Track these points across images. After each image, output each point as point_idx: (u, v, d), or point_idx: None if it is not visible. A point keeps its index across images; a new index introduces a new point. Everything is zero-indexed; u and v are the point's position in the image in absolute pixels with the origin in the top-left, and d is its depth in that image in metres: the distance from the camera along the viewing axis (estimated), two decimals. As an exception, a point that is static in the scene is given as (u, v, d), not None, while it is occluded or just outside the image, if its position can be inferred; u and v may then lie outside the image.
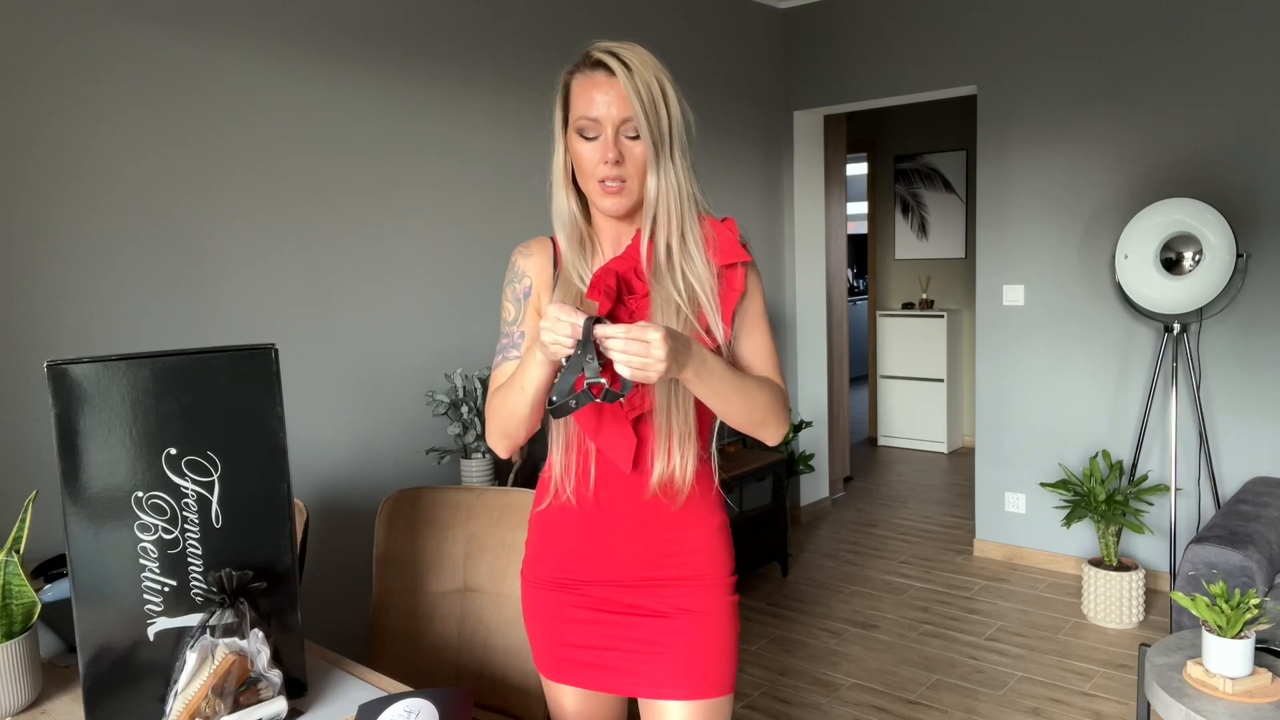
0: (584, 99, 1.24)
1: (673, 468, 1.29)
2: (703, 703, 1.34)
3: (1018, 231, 4.01)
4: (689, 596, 1.35)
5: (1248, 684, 1.91)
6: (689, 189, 1.28)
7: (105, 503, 1.19)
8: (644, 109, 1.22)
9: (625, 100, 1.22)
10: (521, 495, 1.96)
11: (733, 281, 1.31)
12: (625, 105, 1.22)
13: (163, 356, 1.20)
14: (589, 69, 1.25)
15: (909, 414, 6.40)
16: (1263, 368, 3.45)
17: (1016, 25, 3.92)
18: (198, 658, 1.16)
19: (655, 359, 1.08)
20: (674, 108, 1.25)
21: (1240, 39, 3.39)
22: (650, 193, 1.26)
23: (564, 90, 1.28)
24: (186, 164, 2.44)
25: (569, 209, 1.32)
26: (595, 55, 1.25)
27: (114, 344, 2.31)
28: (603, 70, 1.23)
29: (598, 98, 1.23)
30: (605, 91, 1.22)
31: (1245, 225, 3.42)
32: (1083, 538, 3.94)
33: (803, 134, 4.75)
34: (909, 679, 3.07)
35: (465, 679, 1.92)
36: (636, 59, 1.23)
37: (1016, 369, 4.07)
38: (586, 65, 1.25)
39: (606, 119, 1.23)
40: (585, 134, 1.25)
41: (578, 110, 1.25)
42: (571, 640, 1.38)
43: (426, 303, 3.04)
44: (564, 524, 1.37)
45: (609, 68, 1.23)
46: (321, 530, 2.76)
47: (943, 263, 6.46)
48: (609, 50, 1.24)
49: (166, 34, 2.38)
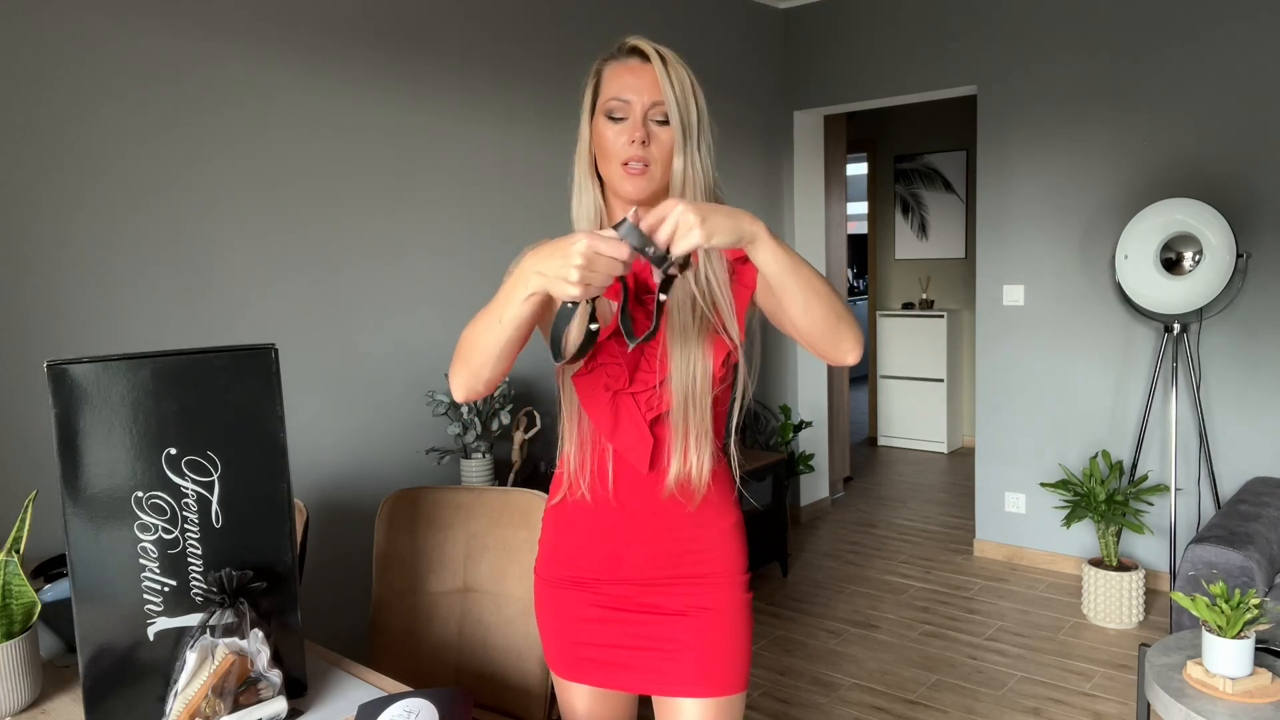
0: (616, 81, 1.26)
1: (689, 467, 1.29)
2: (718, 700, 1.34)
3: (1018, 231, 4.01)
4: (706, 595, 1.35)
5: (1248, 684, 1.91)
6: (712, 182, 1.29)
7: (105, 503, 1.19)
8: (675, 96, 1.24)
9: (657, 86, 1.24)
10: (522, 495, 1.96)
11: (744, 278, 1.30)
12: (656, 90, 1.24)
13: (163, 356, 1.20)
14: (624, 56, 1.28)
15: (909, 414, 6.40)
16: (1263, 368, 3.45)
17: (1016, 25, 3.92)
18: (198, 658, 1.16)
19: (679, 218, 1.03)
20: (703, 106, 1.28)
21: (1240, 39, 3.39)
22: (676, 175, 1.26)
23: (595, 76, 1.30)
24: (187, 164, 2.44)
25: (591, 196, 1.33)
26: (631, 43, 1.28)
27: (114, 344, 2.31)
28: (638, 57, 1.27)
29: (630, 80, 1.25)
30: (639, 76, 1.25)
31: (1245, 225, 3.42)
32: (1083, 538, 3.94)
33: (803, 134, 4.75)
34: (909, 679, 3.07)
35: (465, 679, 1.92)
36: (671, 54, 1.27)
37: (1016, 369, 4.07)
38: (622, 53, 1.28)
39: (637, 101, 1.24)
40: (613, 114, 1.26)
41: (609, 92, 1.27)
42: (586, 639, 1.37)
43: (427, 302, 3.04)
44: (580, 522, 1.37)
45: (644, 55, 1.26)
46: (321, 530, 2.76)
47: (943, 263, 6.46)
48: (645, 41, 1.27)
49: (169, 35, 2.38)
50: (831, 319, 1.15)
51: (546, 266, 1.04)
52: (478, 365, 1.19)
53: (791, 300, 1.14)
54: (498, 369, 1.19)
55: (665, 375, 1.27)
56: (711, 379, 1.28)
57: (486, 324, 1.16)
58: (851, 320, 1.18)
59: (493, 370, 1.19)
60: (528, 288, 1.08)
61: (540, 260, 1.05)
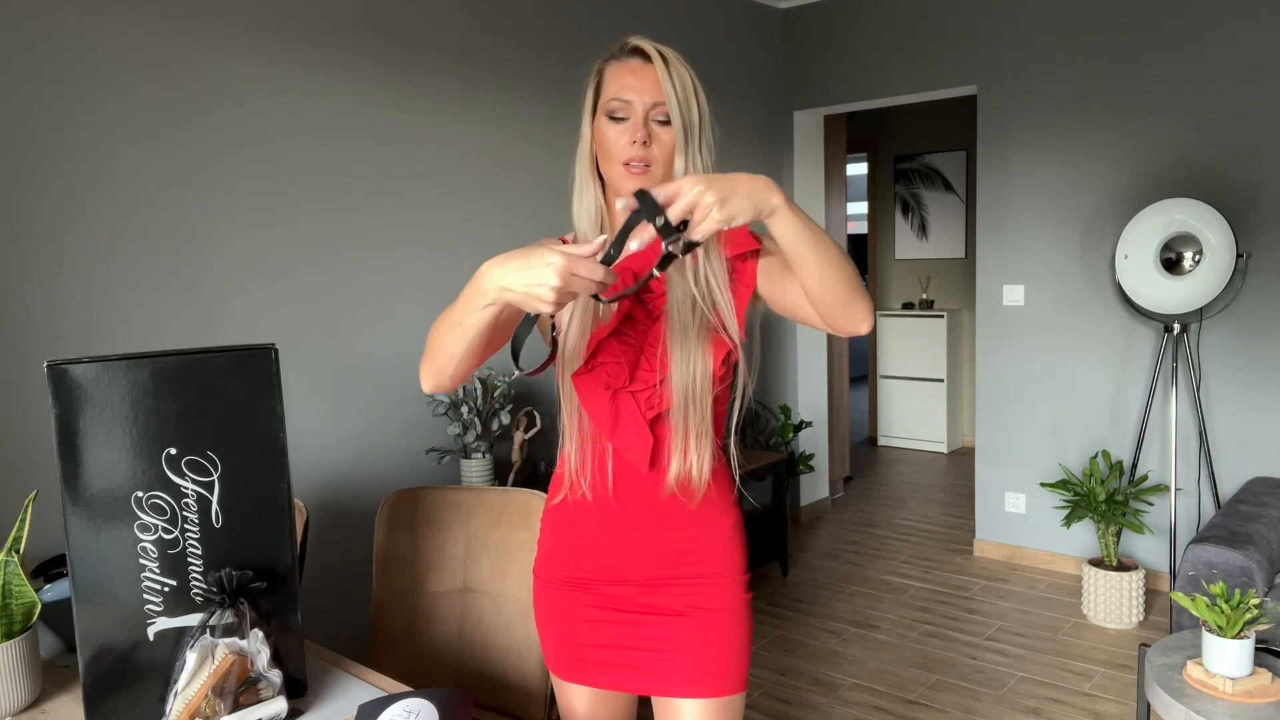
0: (617, 81, 1.26)
1: (689, 466, 1.29)
2: (719, 700, 1.34)
3: (1018, 231, 4.01)
4: (705, 595, 1.34)
5: (1248, 684, 1.91)
6: None
7: (105, 503, 1.19)
8: (677, 96, 1.24)
9: (659, 86, 1.24)
10: (522, 495, 1.96)
11: (743, 276, 1.30)
12: (658, 90, 1.24)
13: (163, 356, 1.20)
14: (626, 56, 1.28)
15: (909, 414, 6.40)
16: (1263, 368, 3.45)
17: (1016, 25, 3.92)
18: (198, 658, 1.16)
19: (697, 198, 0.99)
20: (704, 106, 1.27)
21: (1240, 39, 3.39)
22: (677, 175, 1.26)
23: (597, 76, 1.30)
24: (186, 164, 2.44)
25: (593, 195, 1.32)
26: (633, 43, 1.27)
27: (114, 344, 2.31)
28: (639, 57, 1.26)
29: (631, 81, 1.25)
30: (640, 76, 1.25)
31: (1245, 225, 3.42)
32: (1083, 538, 3.94)
33: (803, 134, 4.75)
34: (909, 679, 3.07)
35: (465, 679, 1.92)
36: (673, 54, 1.26)
37: (1016, 369, 4.07)
38: (623, 53, 1.28)
39: (639, 101, 1.24)
40: (615, 114, 1.26)
41: (610, 92, 1.27)
42: (586, 640, 1.37)
43: (427, 302, 3.04)
44: (579, 522, 1.37)
45: (646, 55, 1.25)
46: (321, 530, 2.76)
47: (943, 263, 6.46)
48: (647, 41, 1.27)
49: (168, 35, 2.38)
50: (846, 288, 1.13)
51: (515, 281, 1.01)
52: (442, 363, 1.17)
53: (808, 272, 1.11)
54: (462, 367, 1.17)
55: (665, 374, 1.27)
56: (712, 378, 1.28)
57: (448, 325, 1.14)
58: (863, 288, 1.15)
59: (457, 368, 1.17)
60: (485, 298, 1.06)
61: (507, 274, 1.02)
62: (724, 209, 1.00)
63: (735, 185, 1.02)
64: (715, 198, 1.00)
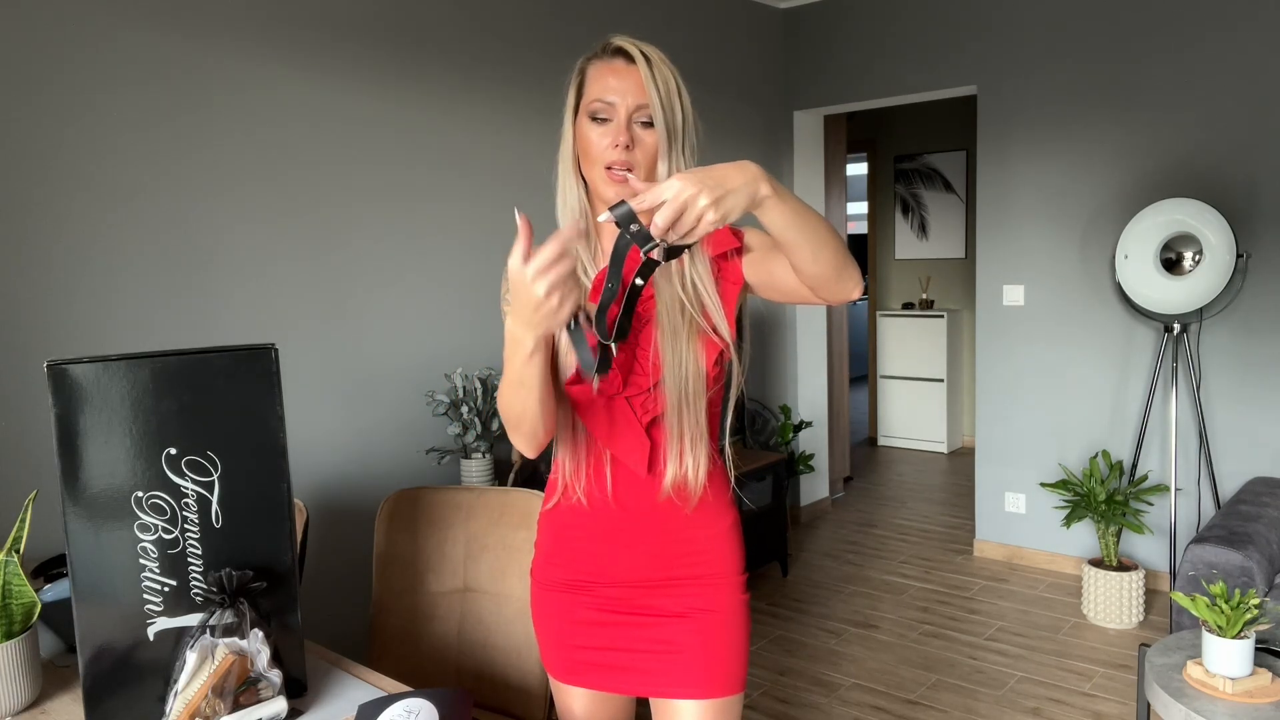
0: (599, 83, 1.24)
1: (685, 469, 1.29)
2: (717, 701, 1.34)
3: (1018, 231, 4.01)
4: (703, 596, 1.34)
5: (1248, 684, 1.91)
6: None
7: (105, 503, 1.19)
8: (660, 98, 1.22)
9: (642, 88, 1.22)
10: (521, 495, 1.96)
11: (729, 274, 1.29)
12: (641, 92, 1.22)
13: (163, 356, 1.20)
14: (608, 56, 1.26)
15: (909, 414, 6.40)
16: (1263, 368, 3.45)
17: (1016, 25, 3.92)
18: (198, 658, 1.16)
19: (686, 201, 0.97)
20: (688, 107, 1.25)
21: (1241, 39, 3.39)
22: (660, 179, 1.24)
23: (579, 75, 1.28)
24: (187, 164, 2.44)
25: (576, 198, 1.31)
26: (616, 44, 1.25)
27: (114, 344, 2.31)
28: (622, 58, 1.24)
29: (614, 83, 1.23)
30: (623, 78, 1.23)
31: (1245, 225, 3.42)
32: (1083, 538, 3.94)
33: (803, 134, 4.75)
34: (909, 679, 3.07)
35: (465, 679, 1.92)
36: (656, 54, 1.24)
37: (1016, 369, 4.07)
38: (605, 53, 1.26)
39: (621, 103, 1.22)
40: (597, 116, 1.24)
41: (592, 94, 1.25)
42: (584, 642, 1.37)
43: (426, 302, 3.04)
44: (576, 525, 1.36)
45: (629, 55, 1.24)
46: (321, 530, 2.76)
47: (943, 263, 6.46)
48: (630, 40, 1.25)
49: (166, 31, 2.38)
50: (837, 261, 1.14)
51: (524, 316, 1.03)
52: (528, 429, 1.20)
53: (801, 254, 1.12)
54: (547, 420, 1.20)
55: (659, 378, 1.26)
56: (705, 379, 1.27)
57: (511, 390, 1.16)
58: (850, 255, 1.17)
59: (542, 424, 1.20)
60: (524, 347, 1.08)
61: (517, 315, 1.05)
62: (718, 209, 0.99)
63: (726, 181, 1.01)
64: (709, 199, 0.98)
